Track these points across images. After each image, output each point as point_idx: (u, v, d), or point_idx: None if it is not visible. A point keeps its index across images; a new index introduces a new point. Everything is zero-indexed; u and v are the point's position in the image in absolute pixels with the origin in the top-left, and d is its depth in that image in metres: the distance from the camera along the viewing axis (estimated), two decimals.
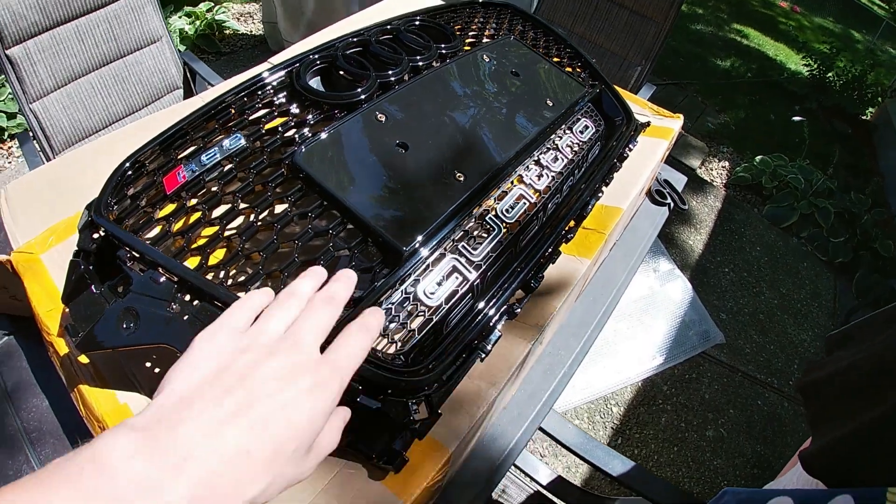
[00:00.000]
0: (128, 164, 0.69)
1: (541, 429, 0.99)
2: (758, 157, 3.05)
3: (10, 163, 2.58)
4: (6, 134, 2.59)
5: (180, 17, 3.04)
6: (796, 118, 3.53)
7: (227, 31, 3.21)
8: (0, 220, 0.89)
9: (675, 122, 1.22)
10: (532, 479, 1.27)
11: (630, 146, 1.01)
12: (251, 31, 3.44)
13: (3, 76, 2.73)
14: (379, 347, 0.63)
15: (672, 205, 1.29)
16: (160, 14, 1.71)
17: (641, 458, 1.88)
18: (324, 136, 0.68)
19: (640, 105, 1.26)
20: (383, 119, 0.72)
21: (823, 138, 3.57)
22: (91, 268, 0.62)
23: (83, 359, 0.67)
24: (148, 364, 0.65)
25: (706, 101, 3.75)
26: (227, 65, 3.12)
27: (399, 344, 0.64)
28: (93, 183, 0.89)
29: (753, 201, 2.97)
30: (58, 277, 0.76)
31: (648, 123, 1.12)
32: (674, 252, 2.56)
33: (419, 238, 0.63)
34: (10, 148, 2.62)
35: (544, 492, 1.28)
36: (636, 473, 1.02)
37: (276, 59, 1.16)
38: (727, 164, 3.20)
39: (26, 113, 1.56)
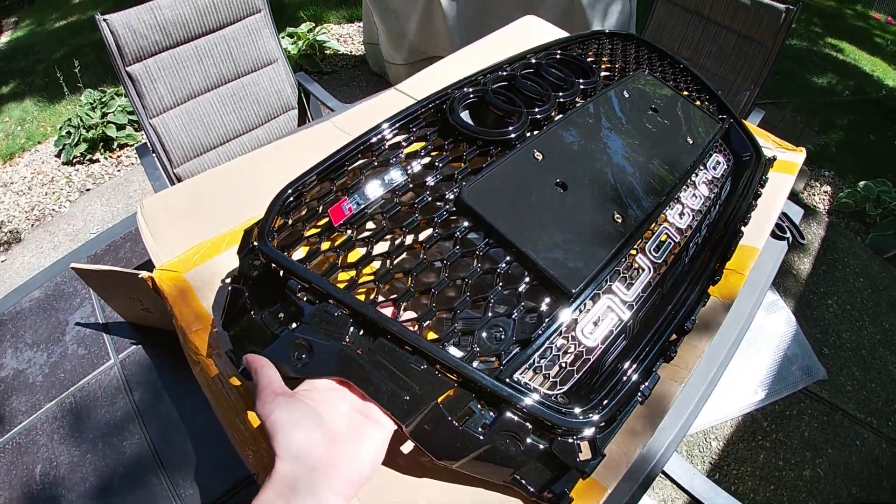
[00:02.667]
0: (290, 192, 0.72)
1: (664, 472, 0.98)
2: (861, 183, 2.92)
3: (118, 171, 2.76)
4: (115, 143, 2.76)
5: (283, 38, 3.18)
6: None
7: (328, 52, 3.34)
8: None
9: (799, 156, 1.19)
10: None
11: (762, 183, 1.00)
12: (351, 52, 3.56)
13: (114, 89, 2.98)
14: (538, 385, 0.64)
15: (791, 239, 1.26)
16: (276, 36, 1.80)
17: (738, 495, 1.82)
18: (486, 173, 0.71)
19: (763, 137, 1.23)
20: (540, 158, 0.74)
21: None
22: (251, 294, 0.66)
23: (234, 381, 0.71)
24: None
25: (805, 122, 3.63)
26: (328, 84, 3.23)
27: (558, 382, 0.65)
28: (229, 203, 0.95)
29: (857, 229, 2.84)
30: (203, 296, 0.80)
31: (775, 158, 1.10)
32: (778, 281, 2.48)
33: (585, 280, 0.65)
34: (118, 157, 2.80)
35: None
36: None
37: (404, 87, 1.20)
38: (829, 188, 3.08)
39: (146, 127, 1.67)
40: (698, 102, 1.06)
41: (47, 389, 1.02)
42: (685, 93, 1.07)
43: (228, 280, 0.81)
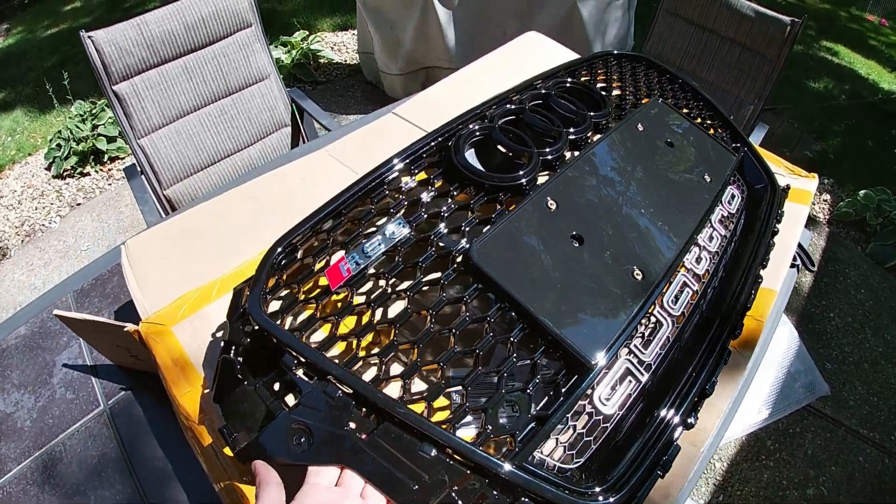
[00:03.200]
0: (280, 250, 0.66)
1: None
2: (861, 192, 2.89)
3: (110, 185, 2.69)
4: (106, 156, 2.70)
5: (276, 47, 3.09)
6: None
7: (322, 60, 3.25)
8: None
9: (811, 183, 1.14)
10: None
11: (779, 218, 0.94)
12: (346, 61, 3.46)
13: (104, 100, 2.90)
14: (556, 457, 0.59)
15: (801, 267, 1.21)
16: (268, 51, 1.72)
17: None
18: (496, 227, 0.65)
19: (774, 163, 1.18)
20: (553, 206, 0.69)
21: None
22: (242, 361, 0.60)
23: (228, 451, 0.66)
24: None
25: (802, 128, 3.60)
26: (323, 94, 3.16)
27: (575, 454, 0.60)
28: (217, 244, 0.89)
29: (857, 238, 2.81)
30: (192, 352, 0.75)
31: (789, 187, 1.05)
32: None
33: (605, 349, 0.60)
34: (109, 170, 2.73)
35: None
36: None
37: (401, 110, 1.15)
38: (829, 197, 3.05)
39: (134, 148, 1.59)
40: (712, 131, 1.01)
41: (36, 436, 0.99)
42: (698, 120, 1.02)
43: (220, 334, 0.76)
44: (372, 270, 0.64)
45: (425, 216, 0.69)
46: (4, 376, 1.06)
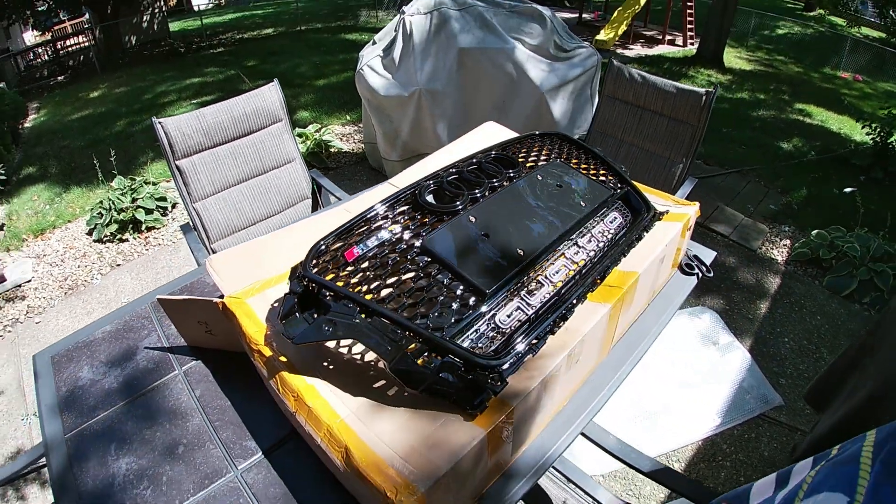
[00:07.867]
0: (321, 242, 1.28)
1: (583, 434, 1.47)
2: (814, 231, 3.43)
3: (146, 250, 3.34)
4: (143, 226, 3.37)
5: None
6: (847, 189, 3.91)
7: (333, 149, 4.05)
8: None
9: (691, 209, 1.74)
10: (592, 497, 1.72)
11: (646, 229, 1.54)
12: (352, 150, 4.29)
13: (142, 178, 3.59)
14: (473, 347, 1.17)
15: (700, 274, 1.78)
16: (294, 141, 2.43)
17: None
18: (438, 230, 1.27)
19: (665, 199, 1.79)
20: (473, 220, 1.31)
21: (888, 205, 3.87)
22: (297, 300, 1.19)
23: (283, 358, 1.21)
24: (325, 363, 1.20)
25: (769, 185, 4.17)
26: (334, 178, 3.90)
27: (484, 347, 1.18)
28: (273, 261, 1.49)
29: (814, 274, 3.32)
30: (259, 313, 1.29)
31: (666, 211, 1.65)
32: (734, 327, 2.98)
33: (495, 285, 1.19)
34: (146, 237, 3.40)
35: None
36: (663, 471, 1.48)
37: (396, 180, 1.79)
38: (788, 241, 3.58)
39: (189, 210, 2.26)
40: (603, 178, 1.63)
41: (121, 391, 1.36)
42: (593, 172, 1.64)
43: (276, 304, 1.36)
44: (371, 255, 1.25)
45: (401, 228, 1.31)
46: (93, 357, 1.46)
